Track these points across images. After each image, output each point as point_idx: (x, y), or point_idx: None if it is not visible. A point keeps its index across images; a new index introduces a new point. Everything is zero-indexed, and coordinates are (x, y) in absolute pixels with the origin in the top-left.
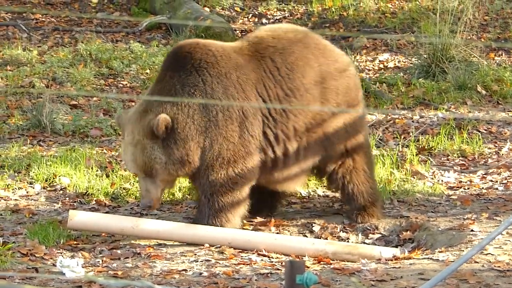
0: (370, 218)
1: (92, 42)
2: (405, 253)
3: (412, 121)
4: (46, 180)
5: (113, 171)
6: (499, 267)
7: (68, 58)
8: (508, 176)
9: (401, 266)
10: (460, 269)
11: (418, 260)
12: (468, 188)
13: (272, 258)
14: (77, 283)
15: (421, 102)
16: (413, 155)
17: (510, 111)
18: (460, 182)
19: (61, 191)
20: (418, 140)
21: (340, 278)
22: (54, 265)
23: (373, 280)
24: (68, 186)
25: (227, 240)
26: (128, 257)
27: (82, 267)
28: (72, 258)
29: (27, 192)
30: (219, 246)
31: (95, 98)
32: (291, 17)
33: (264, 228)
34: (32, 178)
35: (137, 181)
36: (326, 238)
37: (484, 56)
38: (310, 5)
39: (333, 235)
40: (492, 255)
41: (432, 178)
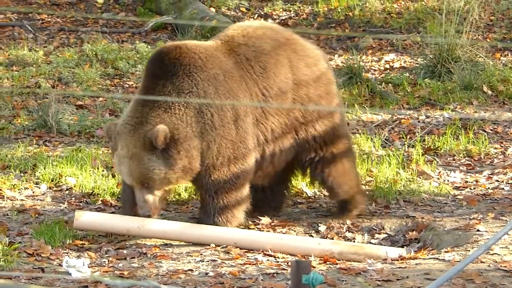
0: (354, 210)
1: (98, 43)
2: (411, 253)
3: (418, 121)
4: (52, 180)
5: None
6: (505, 267)
7: (74, 59)
8: None
9: (407, 266)
10: (466, 269)
11: (424, 260)
12: (474, 188)
13: (278, 258)
14: (83, 283)
15: (427, 102)
16: (419, 155)
17: None
18: (466, 182)
19: (67, 191)
20: (424, 140)
21: (346, 278)
22: (60, 265)
23: (379, 280)
24: (74, 186)
25: (233, 240)
26: (134, 257)
27: (88, 267)
28: (78, 258)
29: (33, 192)
30: (225, 246)
31: (101, 99)
32: (297, 18)
33: (270, 228)
34: (38, 178)
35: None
36: (332, 238)
37: (490, 56)
38: (316, 6)
39: (339, 235)
40: (498, 255)
41: (438, 178)
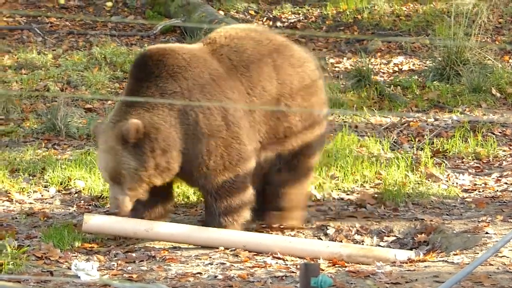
0: (285, 222)
1: (107, 46)
2: (420, 256)
3: (427, 124)
4: (61, 184)
5: None
6: None
7: (83, 62)
8: None
9: (416, 269)
10: (475, 272)
11: (433, 263)
12: (483, 191)
13: (287, 261)
14: (92, 286)
15: (436, 105)
16: (428, 158)
17: None
18: (475, 185)
19: (76, 195)
20: (433, 143)
21: (355, 281)
22: (69, 269)
23: (388, 283)
24: (83, 189)
25: (242, 243)
26: (143, 260)
27: (97, 270)
28: (87, 261)
29: (42, 196)
30: (234, 249)
31: (110, 102)
32: (306, 20)
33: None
34: (47, 182)
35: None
36: (341, 241)
37: (499, 59)
38: (325, 8)
39: (348, 238)
40: (507, 258)
41: (447, 181)
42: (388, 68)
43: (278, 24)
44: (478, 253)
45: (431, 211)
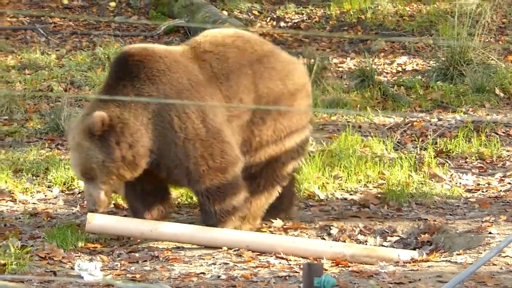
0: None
1: (110, 46)
2: (423, 256)
3: (430, 124)
4: (64, 184)
5: None
6: None
7: (86, 62)
8: None
9: (419, 269)
10: (478, 272)
11: (436, 263)
12: (486, 191)
13: (290, 261)
14: (95, 287)
15: (439, 105)
16: (431, 158)
17: None
18: (478, 185)
19: (79, 195)
20: (436, 143)
21: (358, 281)
22: (72, 269)
23: (391, 283)
24: None
25: (245, 243)
26: (146, 260)
27: (100, 271)
28: (91, 262)
29: (46, 196)
30: (237, 249)
31: None
32: (309, 21)
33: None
34: (50, 182)
35: None
36: (344, 241)
37: (502, 59)
38: (328, 8)
39: (351, 238)
40: (511, 258)
41: (450, 181)
42: (392, 68)
43: (282, 24)
44: (482, 253)
45: (435, 211)
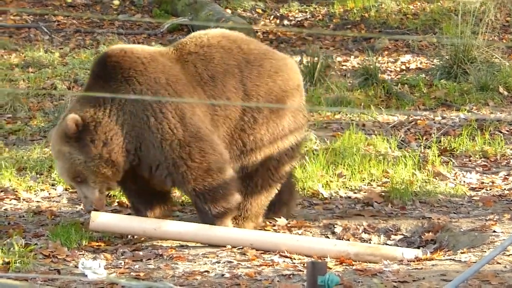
0: (246, 224)
1: (114, 44)
2: (427, 254)
3: (434, 122)
4: None
5: None
6: None
7: (90, 60)
8: None
9: (423, 267)
10: (482, 270)
11: (440, 261)
12: (490, 189)
13: (294, 260)
14: (99, 285)
15: (443, 103)
16: (435, 156)
17: None
18: (482, 183)
19: None
20: (440, 141)
21: (362, 279)
22: (76, 267)
23: (395, 281)
24: None
25: (249, 242)
26: (150, 259)
27: (104, 269)
28: (94, 260)
29: (49, 194)
30: (241, 248)
31: None
32: (313, 19)
33: (286, 230)
34: (54, 180)
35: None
36: (348, 239)
37: (506, 57)
38: (332, 7)
39: (355, 236)
40: None
41: (454, 179)
42: (396, 67)
43: (285, 23)
44: (486, 252)
45: (439, 210)
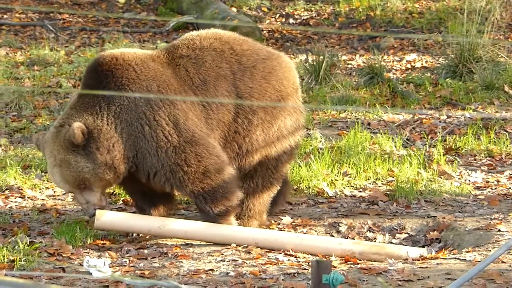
0: (251, 222)
1: (119, 42)
2: (432, 253)
3: (439, 121)
4: None
5: None
6: None
7: None
8: None
9: (428, 266)
10: (487, 269)
11: (445, 260)
12: (496, 188)
13: (299, 258)
14: (104, 283)
15: (448, 102)
16: (440, 155)
17: None
18: (487, 182)
19: None
20: (445, 140)
21: (367, 278)
22: (81, 265)
23: (400, 280)
24: None
25: (254, 240)
26: (155, 257)
27: (109, 267)
28: (99, 258)
29: (54, 192)
30: (246, 246)
31: None
32: (318, 17)
33: (291, 228)
34: None
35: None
36: (353, 238)
37: None
38: (337, 5)
39: (360, 235)
40: None
41: (459, 178)
42: (401, 65)
43: (291, 21)
44: (491, 251)
45: (444, 209)
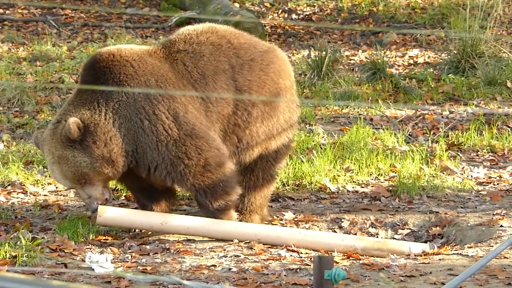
0: (253, 216)
1: (122, 38)
2: (435, 249)
3: (442, 117)
4: None
5: None
6: None
7: None
8: None
9: (430, 262)
10: (489, 265)
11: (448, 256)
12: (498, 184)
13: (301, 254)
14: (106, 279)
15: (451, 98)
16: (443, 151)
17: None
18: (490, 178)
19: None
20: (448, 136)
21: (369, 274)
22: (83, 261)
23: (402, 276)
24: None
25: (256, 236)
26: (157, 253)
27: (111, 263)
28: (101, 254)
29: (57, 188)
30: (248, 242)
31: None
32: (321, 13)
33: (293, 224)
34: None
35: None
36: (355, 234)
37: None
38: (340, 1)
39: (362, 231)
40: None
41: (462, 174)
42: (403, 61)
43: (294, 17)
44: (493, 246)
45: (446, 204)
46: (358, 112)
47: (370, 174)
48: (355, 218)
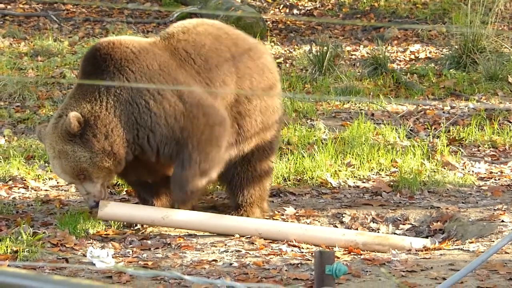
0: (254, 209)
1: (123, 33)
2: (436, 244)
3: (443, 112)
4: None
5: None
6: None
7: None
8: None
9: (432, 257)
10: (490, 260)
11: (449, 251)
12: (499, 179)
13: (303, 249)
14: (107, 274)
15: (452, 93)
16: (444, 146)
17: None
18: (491, 173)
19: None
20: (449, 131)
21: (370, 269)
22: (84, 256)
23: (403, 271)
24: None
25: (258, 231)
26: (159, 248)
27: (112, 258)
28: (102, 249)
29: (58, 183)
30: (250, 237)
31: None
32: (322, 8)
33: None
34: None
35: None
36: (357, 229)
37: None
38: None
39: (364, 226)
40: None
41: (463, 169)
42: (405, 56)
43: (295, 12)
44: (494, 241)
45: (447, 199)
46: (360, 107)
47: (371, 169)
48: (356, 213)
